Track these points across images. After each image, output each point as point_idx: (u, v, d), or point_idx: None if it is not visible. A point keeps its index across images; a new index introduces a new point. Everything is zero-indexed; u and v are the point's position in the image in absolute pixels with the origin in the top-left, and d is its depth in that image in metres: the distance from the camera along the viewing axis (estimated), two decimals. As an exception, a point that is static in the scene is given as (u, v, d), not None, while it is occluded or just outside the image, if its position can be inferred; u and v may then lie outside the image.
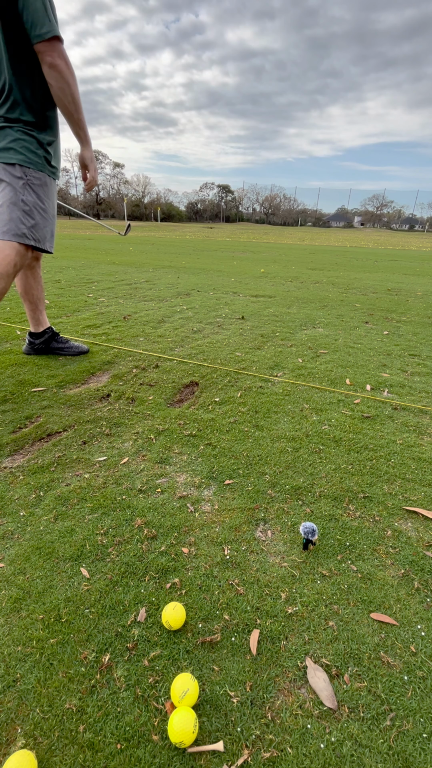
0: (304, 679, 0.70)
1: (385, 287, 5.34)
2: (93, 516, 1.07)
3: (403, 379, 2.08)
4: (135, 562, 0.93)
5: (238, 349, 2.45)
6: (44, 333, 2.20)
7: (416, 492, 1.20)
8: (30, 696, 0.67)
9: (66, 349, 2.25)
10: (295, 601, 0.85)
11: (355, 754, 0.61)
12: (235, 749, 0.61)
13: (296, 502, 1.14)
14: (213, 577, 0.90)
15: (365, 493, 1.19)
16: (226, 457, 1.34)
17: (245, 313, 3.47)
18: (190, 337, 2.71)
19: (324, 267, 7.88)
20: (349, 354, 2.45)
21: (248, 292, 4.51)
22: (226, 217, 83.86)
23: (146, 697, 0.67)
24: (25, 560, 0.93)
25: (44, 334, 2.20)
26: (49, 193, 1.68)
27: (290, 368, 2.16)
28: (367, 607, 0.84)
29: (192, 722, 0.60)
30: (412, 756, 0.60)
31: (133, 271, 6.04)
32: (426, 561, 0.95)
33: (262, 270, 6.85)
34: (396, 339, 2.83)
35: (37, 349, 2.23)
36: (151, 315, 3.29)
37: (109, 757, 0.59)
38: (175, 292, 4.36)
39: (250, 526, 1.05)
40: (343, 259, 10.37)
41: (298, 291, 4.75)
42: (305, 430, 1.53)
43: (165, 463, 1.32)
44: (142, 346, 2.49)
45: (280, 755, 0.60)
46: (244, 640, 0.76)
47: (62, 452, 1.36)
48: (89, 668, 0.71)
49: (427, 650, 0.75)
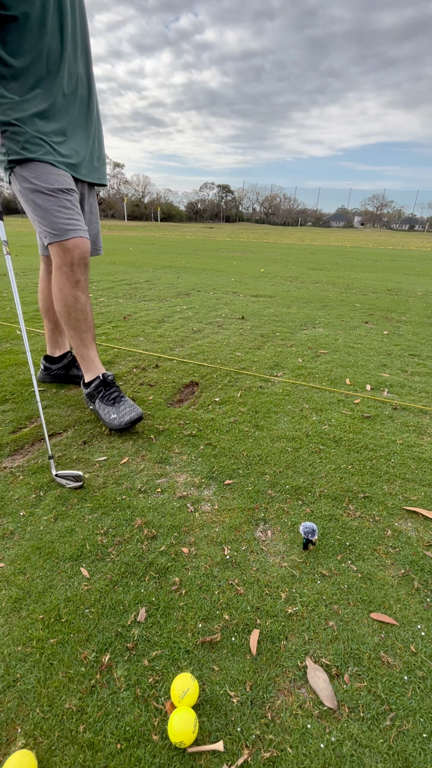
0: (304, 679, 0.70)
1: (385, 287, 5.34)
2: (93, 516, 1.07)
3: (403, 379, 2.08)
4: (135, 562, 0.93)
5: (238, 349, 2.45)
6: (63, 357, 1.89)
7: (416, 492, 1.20)
8: (30, 696, 0.67)
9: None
10: (295, 601, 0.85)
11: (355, 754, 0.61)
12: (235, 749, 0.61)
13: (296, 502, 1.14)
14: (213, 577, 0.90)
15: (365, 493, 1.19)
16: (226, 457, 1.34)
17: (245, 313, 3.47)
18: (190, 337, 2.71)
19: (324, 267, 7.88)
20: (349, 354, 2.45)
21: (248, 292, 4.51)
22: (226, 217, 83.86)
23: (146, 697, 0.67)
24: (25, 560, 0.93)
25: (63, 358, 1.89)
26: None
27: (290, 368, 2.16)
28: (367, 607, 0.84)
29: (192, 722, 0.60)
30: (412, 756, 0.60)
31: (133, 271, 6.04)
32: (426, 561, 0.95)
33: (262, 270, 6.85)
34: (396, 339, 2.83)
35: (55, 376, 1.91)
36: (151, 315, 3.29)
37: (109, 757, 0.59)
38: (175, 292, 4.36)
39: (250, 526, 1.05)
40: (343, 259, 10.37)
41: (298, 291, 4.75)
42: (305, 430, 1.53)
43: (165, 463, 1.32)
44: (142, 346, 2.49)
45: (280, 755, 0.60)
46: (244, 640, 0.76)
47: (62, 452, 1.36)
48: (89, 668, 0.71)
49: (427, 650, 0.75)
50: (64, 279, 1.48)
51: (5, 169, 1.38)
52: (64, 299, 1.50)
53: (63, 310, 1.52)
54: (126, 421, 1.46)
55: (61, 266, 1.47)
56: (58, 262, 1.47)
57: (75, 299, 1.49)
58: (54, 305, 1.55)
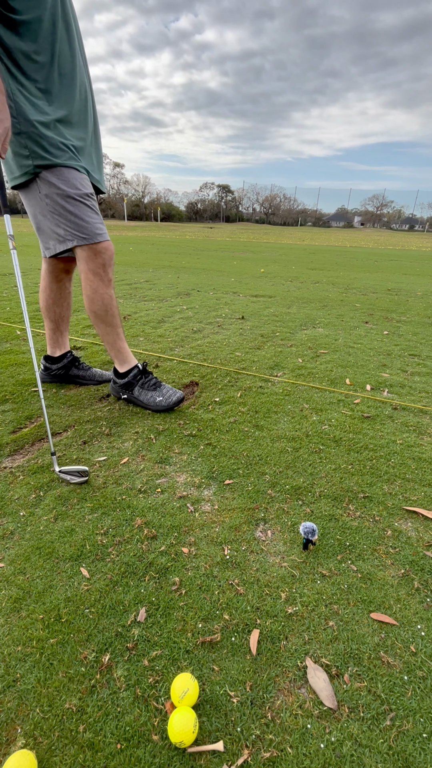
0: (304, 679, 0.70)
1: (385, 287, 5.34)
2: (93, 516, 1.07)
3: (403, 379, 2.08)
4: (135, 562, 0.93)
5: (238, 349, 2.45)
6: (63, 357, 1.89)
7: (416, 492, 1.20)
8: (30, 696, 0.67)
9: (88, 378, 1.91)
10: (295, 601, 0.85)
11: (355, 754, 0.61)
12: (235, 749, 0.61)
13: (296, 502, 1.14)
14: (213, 577, 0.90)
15: (365, 493, 1.19)
16: (226, 457, 1.34)
17: (245, 313, 3.47)
18: (190, 337, 2.71)
19: (324, 267, 7.88)
20: (349, 354, 2.45)
21: (248, 292, 4.51)
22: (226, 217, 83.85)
23: (146, 697, 0.67)
24: (25, 560, 0.93)
25: (63, 358, 1.89)
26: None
27: (290, 368, 2.16)
28: (367, 607, 0.84)
29: (192, 722, 0.60)
30: (412, 756, 0.60)
31: (133, 271, 6.04)
32: (426, 561, 0.95)
33: (262, 270, 6.85)
34: (396, 339, 2.83)
35: (55, 376, 1.91)
36: (151, 315, 3.29)
37: (109, 757, 0.59)
38: (175, 292, 4.36)
39: (250, 526, 1.05)
40: (343, 259, 10.37)
41: (298, 291, 4.75)
42: (305, 430, 1.53)
43: (165, 463, 1.32)
44: (142, 346, 2.49)
45: (280, 755, 0.60)
46: (244, 640, 0.76)
47: (62, 452, 1.36)
48: (89, 668, 0.71)
49: (427, 650, 0.75)
50: (98, 280, 1.52)
51: (26, 174, 1.37)
52: (101, 299, 1.55)
53: (101, 309, 1.56)
54: (173, 401, 1.64)
55: (93, 268, 1.50)
56: (90, 265, 1.50)
57: (110, 297, 1.56)
58: (88, 307, 1.58)
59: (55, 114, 1.34)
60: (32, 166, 1.35)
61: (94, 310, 1.57)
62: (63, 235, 1.46)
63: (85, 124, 1.47)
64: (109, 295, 1.55)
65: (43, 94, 1.32)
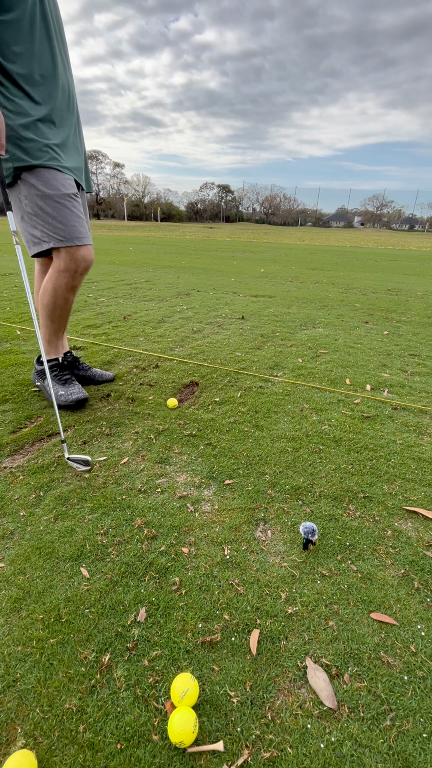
0: (304, 679, 0.70)
1: (385, 287, 5.34)
2: (93, 516, 1.07)
3: (403, 379, 2.08)
4: (135, 562, 0.93)
5: (238, 349, 2.45)
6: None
7: (416, 492, 1.20)
8: (30, 696, 0.67)
9: (88, 378, 1.89)
10: (295, 601, 0.85)
11: (355, 754, 0.61)
12: (235, 749, 0.61)
13: (296, 502, 1.14)
14: (213, 577, 0.90)
15: (365, 493, 1.19)
16: (226, 457, 1.34)
17: (245, 313, 3.47)
18: (190, 337, 2.71)
19: (324, 267, 7.88)
20: (349, 354, 2.45)
21: (248, 292, 4.51)
22: (226, 217, 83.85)
23: (146, 697, 0.67)
24: (25, 560, 0.93)
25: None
26: None
27: (290, 368, 2.16)
28: (367, 607, 0.84)
29: (192, 722, 0.60)
30: (412, 756, 0.60)
31: (133, 270, 6.04)
32: (426, 561, 0.95)
33: (262, 270, 6.85)
34: (396, 339, 2.83)
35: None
36: (151, 315, 3.29)
37: (109, 757, 0.59)
38: (175, 292, 4.36)
39: (250, 526, 1.05)
40: (343, 259, 10.37)
41: (298, 291, 4.75)
42: (305, 430, 1.53)
43: (165, 463, 1.32)
44: (142, 346, 2.49)
45: (280, 755, 0.60)
46: (244, 640, 0.76)
47: (62, 452, 1.36)
48: (89, 668, 0.71)
49: (427, 650, 0.75)
50: (63, 282, 1.52)
51: (8, 176, 1.36)
52: (56, 298, 1.56)
53: (51, 305, 1.58)
54: (72, 399, 1.62)
55: (64, 270, 1.49)
56: (62, 266, 1.49)
57: (65, 301, 1.58)
58: (40, 296, 1.59)
59: (36, 113, 1.32)
60: (12, 168, 1.34)
61: (45, 304, 1.58)
62: (39, 236, 1.44)
63: (68, 123, 1.46)
64: (65, 299, 1.57)
65: (24, 93, 1.30)
